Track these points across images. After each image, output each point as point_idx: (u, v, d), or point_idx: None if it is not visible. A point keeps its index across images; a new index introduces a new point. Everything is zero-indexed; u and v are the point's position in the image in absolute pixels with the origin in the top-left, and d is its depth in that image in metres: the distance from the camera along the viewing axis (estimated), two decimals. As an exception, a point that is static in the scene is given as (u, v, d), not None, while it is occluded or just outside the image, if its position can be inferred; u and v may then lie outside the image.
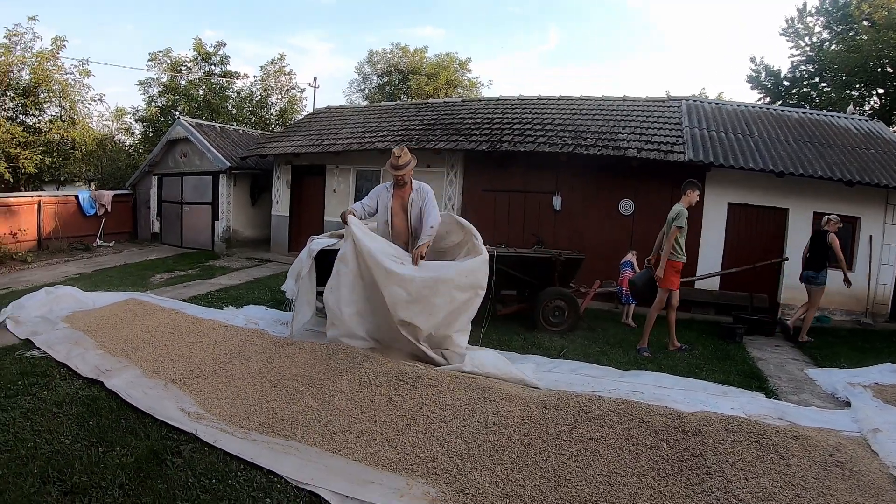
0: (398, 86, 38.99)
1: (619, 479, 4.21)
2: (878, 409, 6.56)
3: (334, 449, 4.59)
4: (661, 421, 4.85)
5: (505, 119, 15.56)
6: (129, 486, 4.07)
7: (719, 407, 5.90)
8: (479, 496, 4.01)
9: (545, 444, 4.61)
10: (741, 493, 4.03)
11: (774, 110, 16.73)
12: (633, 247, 12.03)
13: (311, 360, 6.09)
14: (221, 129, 22.58)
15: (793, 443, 4.64)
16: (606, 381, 6.77)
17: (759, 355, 9.15)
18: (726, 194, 12.94)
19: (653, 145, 12.83)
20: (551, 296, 9.54)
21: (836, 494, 4.09)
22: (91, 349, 6.99)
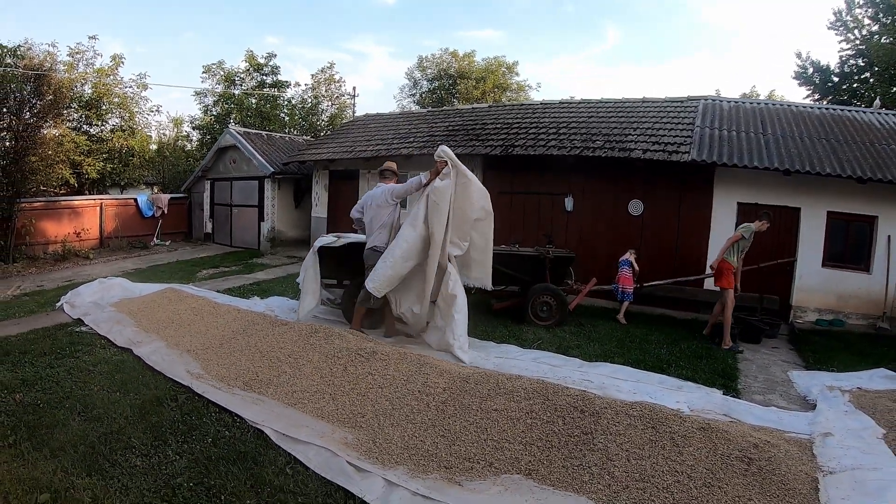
0: (448, 90, 39.57)
1: (507, 444, 4.83)
2: (845, 413, 6.61)
3: (291, 403, 5.83)
4: (565, 401, 5.33)
5: (523, 124, 15.95)
6: (131, 417, 5.62)
7: (664, 399, 6.22)
8: (384, 444, 4.92)
9: (455, 411, 5.35)
10: (617, 472, 4.45)
11: (795, 107, 16.24)
12: (642, 247, 12.37)
13: (295, 337, 7.33)
14: (268, 136, 23.82)
15: (697, 433, 4.94)
16: (562, 370, 7.25)
17: (749, 356, 9.25)
18: (735, 193, 12.78)
19: (659, 146, 12.84)
20: (540, 292, 10.02)
21: (726, 487, 4.35)
22: (129, 326, 8.62)
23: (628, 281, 11.12)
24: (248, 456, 4.87)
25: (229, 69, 33.52)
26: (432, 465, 4.67)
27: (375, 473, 4.54)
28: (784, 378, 8.25)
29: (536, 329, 9.69)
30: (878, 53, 24.45)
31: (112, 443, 5.09)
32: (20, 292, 12.89)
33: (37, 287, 13.63)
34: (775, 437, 5.57)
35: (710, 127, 13.86)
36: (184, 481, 4.44)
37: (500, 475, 4.50)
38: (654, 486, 4.31)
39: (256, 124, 29.51)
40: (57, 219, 19.52)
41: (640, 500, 4.19)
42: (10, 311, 10.55)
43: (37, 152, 17.75)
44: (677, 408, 5.96)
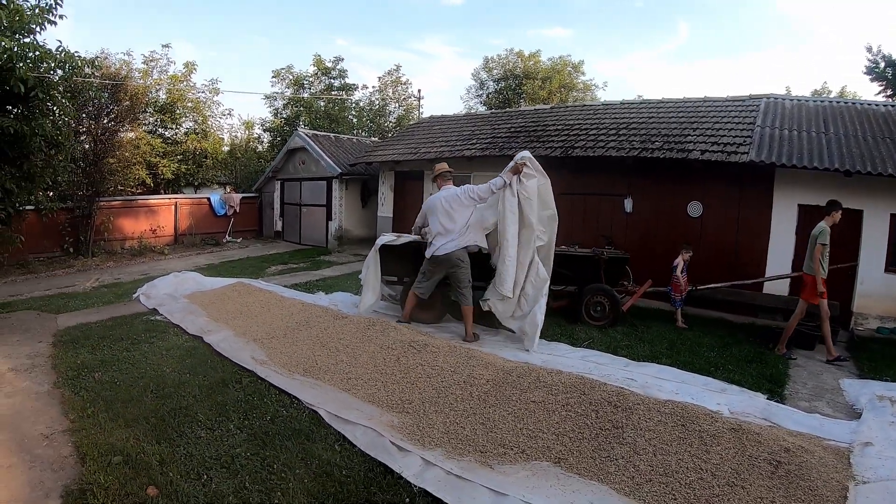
0: (514, 91, 39.56)
1: (540, 434, 5.10)
2: (891, 424, 6.48)
3: (345, 388, 6.36)
4: (600, 396, 5.56)
5: (584, 125, 15.99)
6: (199, 396, 6.26)
7: (706, 401, 6.29)
8: (427, 428, 5.29)
9: (496, 401, 5.67)
10: (642, 465, 4.62)
11: (859, 105, 15.78)
12: (700, 248, 12.36)
13: (354, 329, 7.83)
14: (336, 138, 24.45)
15: (727, 434, 5.05)
16: (607, 368, 7.42)
17: (802, 363, 9.12)
18: (796, 195, 12.48)
19: (718, 147, 12.67)
20: (594, 292, 10.19)
21: (749, 487, 4.44)
22: (200, 317, 9.38)
23: (676, 287, 11.08)
24: (302, 433, 5.33)
25: (298, 73, 34.49)
26: (468, 449, 4.97)
27: (415, 453, 4.88)
28: (834, 386, 8.14)
29: (589, 328, 9.86)
30: None
31: (180, 417, 5.66)
32: (99, 284, 13.75)
33: (114, 280, 14.49)
34: (812, 444, 5.58)
35: (771, 126, 13.64)
36: (242, 452, 4.94)
37: (531, 461, 4.75)
38: (676, 481, 4.46)
39: (325, 126, 30.23)
40: (134, 216, 20.63)
41: (661, 493, 4.34)
42: (89, 301, 11.41)
43: (114, 154, 18.88)
44: (717, 409, 6.04)
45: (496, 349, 8.05)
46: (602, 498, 4.28)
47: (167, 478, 4.50)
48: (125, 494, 4.31)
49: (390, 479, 4.56)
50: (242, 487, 4.41)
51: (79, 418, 5.66)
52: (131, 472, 4.60)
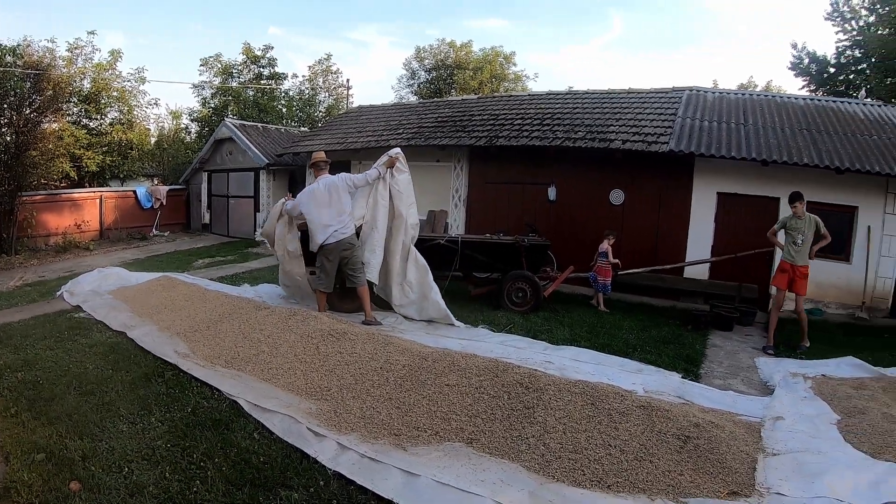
0: (445, 81, 39.74)
1: (454, 416, 5.19)
2: (802, 399, 6.80)
3: (266, 378, 6.35)
4: (512, 378, 5.66)
5: (509, 115, 16.16)
6: (121, 391, 6.20)
7: (622, 381, 6.50)
8: (343, 414, 5.35)
9: (411, 386, 5.75)
10: (552, 443, 4.73)
11: (778, 98, 16.49)
12: (623, 236, 12.68)
13: (275, 320, 7.84)
14: (264, 128, 24.18)
15: (636, 411, 5.20)
16: (526, 352, 7.56)
17: (719, 343, 9.46)
18: (715, 183, 12.97)
19: (640, 137, 13.05)
20: (515, 278, 10.34)
21: (658, 461, 4.58)
22: (124, 312, 9.21)
23: (606, 273, 11.33)
24: (222, 423, 5.35)
25: (226, 62, 33.89)
26: (383, 433, 5.03)
27: (330, 438, 4.92)
28: (749, 364, 8.45)
29: (511, 314, 9.99)
30: (873, 44, 24.41)
31: (103, 412, 5.60)
32: (23, 283, 13.32)
33: (38, 278, 14.09)
34: (723, 419, 5.78)
35: (692, 118, 14.03)
36: (163, 443, 4.93)
37: (443, 443, 4.83)
38: (585, 458, 4.57)
39: (253, 116, 29.82)
40: (58, 211, 20.01)
41: (571, 469, 4.45)
42: (13, 301, 11.10)
43: (37, 146, 18.15)
44: (632, 388, 6.21)
45: (417, 336, 8.17)
46: (512, 475, 4.37)
47: (89, 472, 4.47)
48: (49, 490, 4.26)
49: (306, 464, 4.60)
50: (163, 478, 4.40)
51: (1, 418, 5.56)
52: (54, 468, 4.54)
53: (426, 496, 4.09)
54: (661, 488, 4.37)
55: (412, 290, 9.14)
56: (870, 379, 7.81)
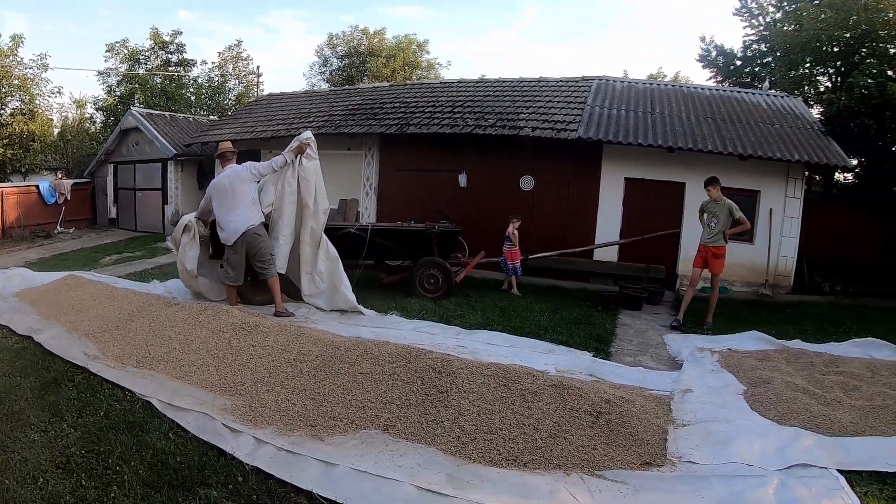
0: (358, 68, 39.30)
1: (369, 404, 5.20)
2: (710, 372, 7.13)
3: (178, 376, 6.13)
4: (425, 363, 5.70)
5: (420, 103, 16.21)
6: (30, 398, 5.82)
7: (534, 362, 6.63)
8: (258, 408, 5.28)
9: (325, 376, 5.72)
10: (467, 425, 4.80)
11: (685, 88, 17.21)
12: (533, 221, 12.96)
13: (186, 316, 7.63)
14: (171, 117, 23.48)
15: (548, 390, 5.31)
16: (439, 338, 7.63)
17: (628, 322, 9.78)
18: (623, 169, 13.43)
19: (549, 124, 13.33)
20: (427, 265, 10.36)
21: (571, 437, 4.72)
22: (29, 314, 8.70)
23: (514, 256, 11.50)
24: (136, 425, 5.17)
25: (133, 47, 32.60)
26: (299, 424, 4.99)
27: (246, 433, 4.84)
28: (658, 341, 8.75)
29: (423, 301, 10.02)
30: (779, 39, 25.27)
31: (13, 422, 5.32)
32: (-82, 291, 12.60)
33: (-69, 285, 13.34)
34: (634, 394, 5.99)
35: (601, 106, 14.40)
36: (77, 450, 4.73)
37: (360, 431, 4.83)
38: (500, 437, 4.67)
39: (161, 105, 28.82)
40: (-44, 210, 18.90)
41: (486, 450, 4.54)
42: None
43: (-67, 140, 17.17)
44: (544, 369, 6.36)
45: (330, 325, 8.12)
46: (429, 459, 4.42)
47: (3, 486, 4.27)
48: (-41, 508, 4.10)
49: (224, 461, 4.52)
50: (79, 486, 4.26)
51: None
52: (-35, 485, 4.35)
53: (344, 485, 4.09)
54: (575, 463, 4.50)
55: (322, 280, 9.01)
56: (773, 351, 8.24)
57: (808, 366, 7.69)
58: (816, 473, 4.79)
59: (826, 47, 22.92)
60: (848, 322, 10.67)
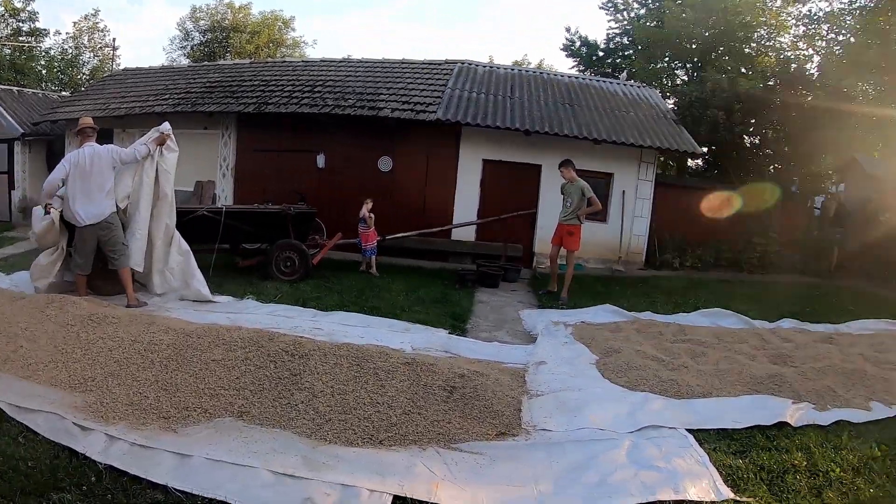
0: (221, 44, 38.11)
1: (222, 391, 5.05)
2: (563, 344, 7.41)
3: (27, 375, 5.55)
4: (278, 347, 5.59)
5: (280, 81, 15.86)
6: None
7: (390, 341, 6.70)
8: (110, 404, 4.97)
9: (177, 365, 5.48)
10: (321, 407, 4.78)
11: (546, 74, 17.83)
12: (391, 202, 13.04)
13: (32, 310, 6.98)
14: (19, 92, 21.66)
15: (401, 368, 5.38)
16: (295, 321, 7.49)
17: (486, 299, 9.98)
18: (481, 151, 13.71)
19: (409, 105, 13.39)
20: (283, 248, 10.14)
21: (426, 413, 4.81)
22: None
23: (369, 237, 11.43)
24: (-17, 432, 4.82)
25: (-21, 15, 30.08)
26: (152, 417, 4.79)
27: (98, 431, 4.58)
28: (514, 317, 8.98)
29: (280, 284, 9.76)
30: (641, 34, 27.09)
31: None
32: None
33: None
34: (489, 368, 6.13)
35: (461, 89, 14.64)
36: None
37: (213, 419, 4.71)
38: (355, 417, 4.69)
39: (10, 78, 26.73)
40: None
41: (341, 430, 4.54)
42: None
43: None
44: (400, 347, 6.44)
45: (184, 313, 7.78)
46: (284, 443, 4.36)
47: None
48: None
49: (76, 462, 4.25)
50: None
51: None
52: None
53: (200, 475, 3.97)
54: (431, 438, 4.57)
55: (174, 276, 8.58)
56: (625, 322, 8.72)
57: (658, 335, 8.19)
58: (666, 434, 5.08)
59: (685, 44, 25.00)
60: (695, 294, 11.48)
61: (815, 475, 4.76)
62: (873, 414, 6.05)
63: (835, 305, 11.90)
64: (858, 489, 4.62)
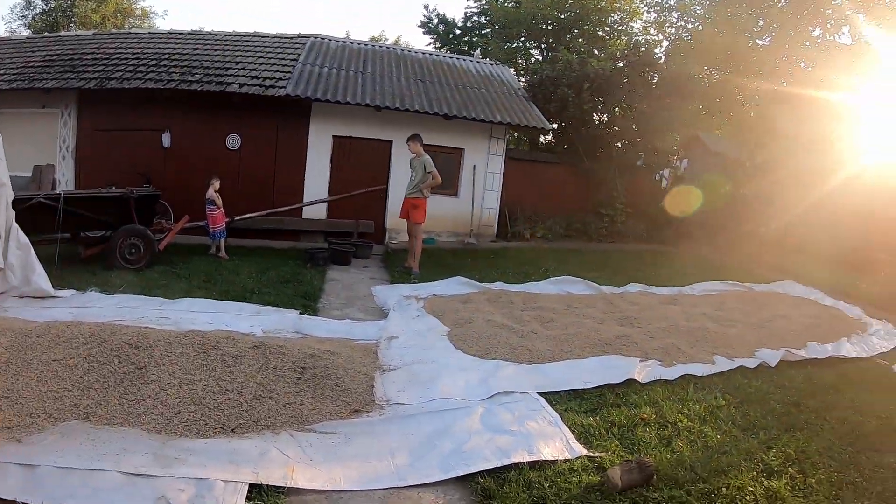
0: (65, 13, 35.43)
1: (66, 392, 4.72)
2: (415, 318, 7.57)
3: None
4: (121, 340, 5.33)
5: (126, 55, 14.88)
6: None
7: (239, 325, 6.63)
8: None
9: (18, 369, 5.02)
10: (169, 399, 4.63)
11: (400, 50, 17.89)
12: (240, 181, 12.83)
13: None
14: None
15: (249, 352, 5.33)
16: (141, 311, 7.11)
17: (338, 277, 10.04)
18: (332, 127, 13.58)
19: (258, 81, 13.02)
20: (126, 234, 9.54)
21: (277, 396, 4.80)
22: None
23: (217, 219, 11.07)
24: None
25: None
26: (-7, 429, 4.46)
27: None
28: (367, 293, 9.10)
29: (125, 273, 9.22)
30: (498, 14, 28.07)
31: None
32: None
33: None
34: (340, 346, 6.19)
35: (312, 64, 14.42)
36: None
37: (59, 424, 4.43)
38: (205, 407, 4.59)
39: None
40: None
41: (192, 422, 4.43)
42: None
43: None
44: (250, 331, 6.37)
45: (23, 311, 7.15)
46: (134, 441, 4.18)
47: None
48: None
49: None
50: None
51: None
52: None
53: (49, 485, 3.74)
54: (284, 421, 4.57)
55: (14, 274, 7.74)
56: (476, 293, 9.00)
57: (508, 304, 8.54)
58: (518, 398, 5.35)
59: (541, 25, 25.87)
60: (546, 263, 12.01)
61: (665, 426, 5.13)
62: (716, 367, 6.68)
63: (678, 270, 12.71)
64: (706, 436, 5.01)
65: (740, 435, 5.19)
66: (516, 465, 4.30)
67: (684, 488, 4.22)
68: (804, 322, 8.98)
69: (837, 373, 7.19)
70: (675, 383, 6.23)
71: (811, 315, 9.51)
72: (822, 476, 4.60)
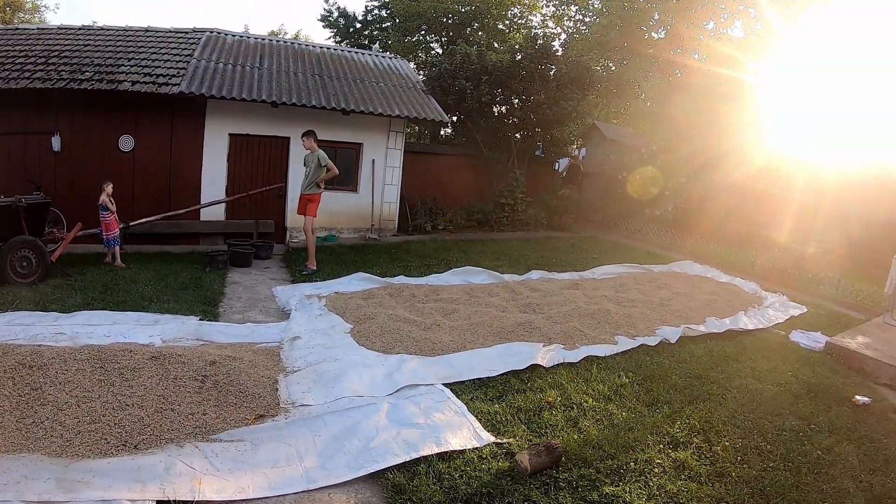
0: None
1: None
2: (317, 317, 7.58)
3: None
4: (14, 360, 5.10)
5: (12, 52, 13.82)
6: None
7: (138, 336, 6.41)
8: None
9: None
10: (68, 420, 4.45)
11: (297, 45, 17.52)
12: (135, 184, 12.46)
13: None
14: None
15: (147, 364, 5.26)
16: (35, 328, 6.68)
17: (238, 279, 9.87)
18: (228, 125, 13.19)
19: (151, 78, 12.50)
20: (17, 246, 8.94)
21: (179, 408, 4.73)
22: None
23: (111, 225, 10.52)
24: None
25: None
26: None
27: None
28: (268, 294, 9.03)
29: (17, 288, 8.64)
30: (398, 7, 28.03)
31: None
32: None
33: None
34: (242, 350, 6.19)
35: (207, 59, 14.00)
36: None
37: (-45, 456, 4.20)
38: (105, 425, 4.46)
39: None
40: None
41: (93, 441, 4.30)
42: None
43: None
44: (149, 341, 6.24)
45: None
46: (35, 467, 4.00)
47: None
48: None
49: None
50: None
51: None
52: None
53: None
54: (188, 433, 4.51)
55: None
56: (378, 288, 9.12)
57: (411, 297, 8.67)
58: (424, 391, 5.50)
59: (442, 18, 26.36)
60: (447, 255, 12.27)
61: (570, 408, 5.37)
62: (619, 347, 7.06)
63: (579, 255, 13.12)
64: (612, 414, 5.27)
65: (645, 411, 5.48)
66: (426, 458, 4.43)
67: (593, 466, 4.46)
68: (703, 299, 9.53)
69: (736, 345, 7.71)
70: (579, 365, 6.51)
71: (709, 292, 10.07)
72: (728, 443, 4.96)
